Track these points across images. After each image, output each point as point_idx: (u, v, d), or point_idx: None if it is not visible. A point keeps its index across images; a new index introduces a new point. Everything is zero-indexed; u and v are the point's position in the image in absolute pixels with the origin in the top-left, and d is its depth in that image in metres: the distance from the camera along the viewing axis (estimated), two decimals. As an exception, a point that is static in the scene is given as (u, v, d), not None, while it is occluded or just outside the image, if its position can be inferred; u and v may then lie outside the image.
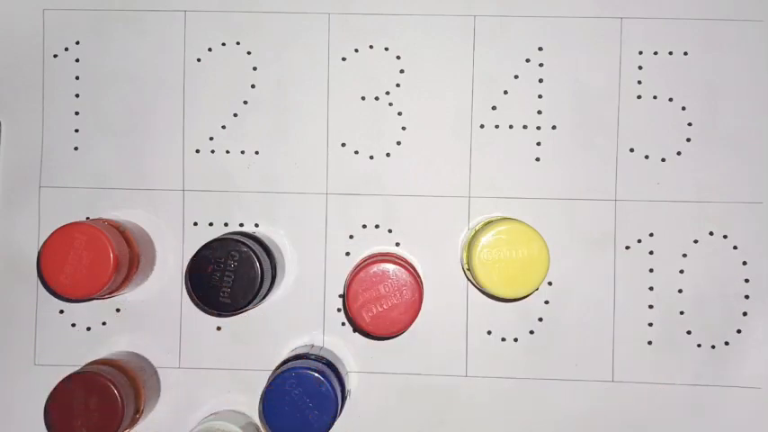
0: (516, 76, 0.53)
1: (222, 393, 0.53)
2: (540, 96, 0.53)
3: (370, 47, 0.53)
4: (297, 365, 0.45)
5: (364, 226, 0.53)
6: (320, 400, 0.45)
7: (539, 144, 0.53)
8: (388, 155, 0.53)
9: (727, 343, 0.52)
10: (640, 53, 0.52)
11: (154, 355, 0.53)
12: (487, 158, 0.53)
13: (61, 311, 0.53)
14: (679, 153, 0.52)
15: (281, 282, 0.52)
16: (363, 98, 0.53)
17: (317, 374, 0.45)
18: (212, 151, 0.53)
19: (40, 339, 0.53)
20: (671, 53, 0.52)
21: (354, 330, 0.52)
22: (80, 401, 0.45)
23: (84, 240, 0.46)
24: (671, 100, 0.52)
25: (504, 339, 0.52)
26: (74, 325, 0.53)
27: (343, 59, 0.53)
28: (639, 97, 0.53)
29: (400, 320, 0.45)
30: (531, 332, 0.52)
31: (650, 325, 0.52)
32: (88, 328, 0.53)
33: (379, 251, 0.52)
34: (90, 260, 0.46)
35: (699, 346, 0.52)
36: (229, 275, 0.45)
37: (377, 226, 0.53)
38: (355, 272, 0.46)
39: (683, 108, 0.52)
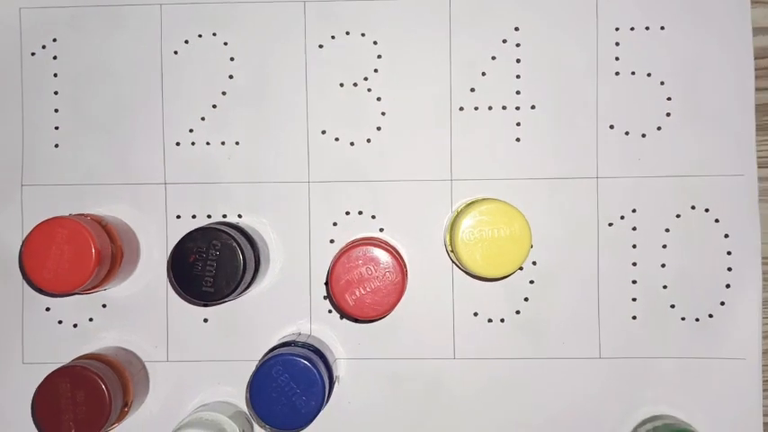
0: (494, 57, 0.53)
1: (211, 385, 0.53)
2: (518, 77, 0.53)
3: (347, 33, 0.53)
4: (283, 352, 0.46)
5: (347, 213, 0.53)
6: (307, 386, 0.45)
7: (518, 124, 0.53)
8: (368, 141, 0.53)
9: (710, 315, 0.52)
10: (617, 29, 0.53)
11: (142, 349, 0.53)
12: (468, 141, 0.53)
13: (47, 309, 0.53)
14: (659, 128, 0.53)
15: (265, 271, 0.52)
16: (342, 85, 0.53)
17: (303, 360, 0.45)
18: (192, 143, 0.53)
19: (27, 338, 0.53)
20: (647, 28, 0.52)
21: (342, 317, 0.52)
22: (67, 395, 0.45)
23: (65, 234, 0.46)
24: (649, 75, 0.53)
25: (490, 320, 0.53)
26: (60, 322, 0.53)
27: (320, 47, 0.53)
28: (617, 74, 0.53)
29: (384, 303, 0.46)
30: (518, 312, 0.53)
31: (634, 300, 0.52)
32: (75, 325, 0.53)
33: (363, 236, 0.52)
34: (72, 254, 0.46)
35: (683, 319, 0.52)
36: (212, 265, 0.45)
37: (360, 212, 0.53)
38: (338, 256, 0.47)
39: (662, 83, 0.53)
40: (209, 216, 0.53)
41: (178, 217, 0.53)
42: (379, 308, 0.46)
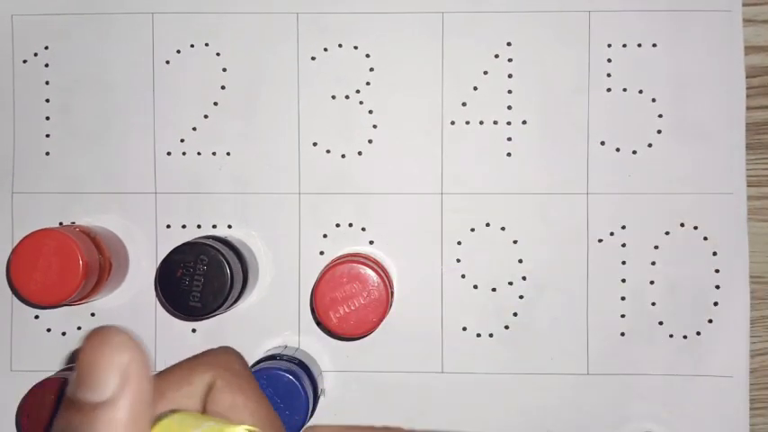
0: (485, 72, 0.53)
1: (199, 395, 0.53)
2: (509, 92, 0.53)
3: (340, 45, 0.53)
4: (267, 366, 0.46)
5: (338, 225, 0.53)
6: (291, 400, 0.45)
7: (509, 139, 0.53)
8: (359, 153, 0.53)
9: (698, 333, 0.52)
10: (609, 46, 0.53)
11: (130, 358, 0.53)
12: (459, 155, 0.53)
13: (36, 317, 0.53)
14: (650, 145, 0.53)
15: (254, 284, 0.52)
16: (334, 97, 0.53)
17: (287, 375, 0.45)
18: (183, 153, 0.53)
19: (15, 345, 0.53)
20: (639, 45, 0.52)
21: (326, 333, 0.52)
22: (52, 407, 0.45)
23: (53, 246, 0.46)
24: (641, 92, 0.53)
25: (479, 335, 0.53)
26: (49, 330, 0.53)
27: (313, 59, 0.53)
28: (609, 90, 0.53)
29: (368, 321, 0.46)
30: (507, 327, 0.53)
31: (623, 317, 0.52)
32: (63, 333, 0.53)
33: (349, 251, 0.52)
34: (59, 266, 0.46)
35: (671, 336, 0.52)
36: (199, 279, 0.45)
37: (350, 224, 0.53)
38: (323, 273, 0.47)
39: (653, 100, 0.53)
40: (198, 226, 0.53)
41: (168, 227, 0.53)
42: (363, 326, 0.46)
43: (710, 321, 0.52)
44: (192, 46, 0.53)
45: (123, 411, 0.21)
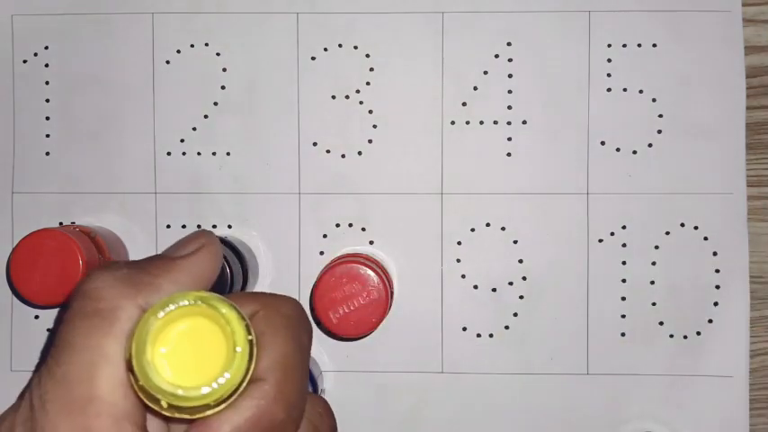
0: (486, 72, 0.53)
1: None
2: (509, 92, 0.53)
3: (339, 45, 0.53)
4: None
5: (338, 225, 0.53)
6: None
7: (509, 139, 0.53)
8: (359, 153, 0.53)
9: (699, 333, 0.52)
10: (609, 46, 0.53)
11: (130, 358, 0.53)
12: (459, 155, 0.53)
13: (36, 317, 0.53)
14: (650, 145, 0.53)
15: (254, 284, 0.52)
16: (334, 97, 0.53)
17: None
18: (183, 153, 0.53)
19: (15, 345, 0.53)
20: (639, 45, 0.52)
21: (324, 333, 0.52)
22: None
23: (53, 247, 0.46)
24: (641, 92, 0.53)
25: (479, 335, 0.53)
26: (49, 330, 0.53)
27: (313, 59, 0.53)
28: (609, 90, 0.53)
29: (367, 321, 0.46)
30: (507, 327, 0.53)
31: (623, 317, 0.52)
32: (63, 333, 0.53)
33: (349, 251, 0.52)
34: (59, 267, 0.46)
35: (671, 336, 0.52)
36: (198, 279, 0.45)
37: (350, 224, 0.53)
38: (322, 273, 0.47)
39: (654, 100, 0.53)
40: (198, 226, 0.53)
41: (168, 227, 0.53)
42: (363, 326, 0.46)
43: (710, 321, 0.52)
44: (192, 46, 0.53)
45: (190, 264, 0.29)
